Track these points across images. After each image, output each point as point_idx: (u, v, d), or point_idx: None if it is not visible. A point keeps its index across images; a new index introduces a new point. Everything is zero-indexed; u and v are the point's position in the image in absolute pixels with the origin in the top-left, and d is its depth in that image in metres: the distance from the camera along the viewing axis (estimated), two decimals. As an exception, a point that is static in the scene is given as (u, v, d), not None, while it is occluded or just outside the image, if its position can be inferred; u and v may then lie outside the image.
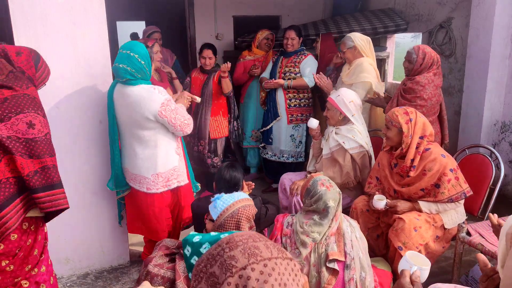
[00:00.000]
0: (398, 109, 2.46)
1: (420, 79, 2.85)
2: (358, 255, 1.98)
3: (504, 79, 3.66)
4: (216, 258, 0.88)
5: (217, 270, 0.87)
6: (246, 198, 1.87)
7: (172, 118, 2.34)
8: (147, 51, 2.35)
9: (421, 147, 2.39)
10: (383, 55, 4.99)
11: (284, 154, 4.00)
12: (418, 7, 4.86)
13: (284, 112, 3.90)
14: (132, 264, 2.91)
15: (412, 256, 1.46)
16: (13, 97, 1.62)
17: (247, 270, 0.84)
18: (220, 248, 0.90)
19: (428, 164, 2.36)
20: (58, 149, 2.51)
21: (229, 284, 0.84)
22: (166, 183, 2.47)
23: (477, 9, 3.61)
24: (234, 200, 1.82)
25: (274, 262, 0.86)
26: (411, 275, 1.18)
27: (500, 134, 3.79)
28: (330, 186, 2.04)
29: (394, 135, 2.43)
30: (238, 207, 1.79)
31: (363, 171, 2.89)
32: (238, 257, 0.86)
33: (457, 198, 2.35)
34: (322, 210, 1.99)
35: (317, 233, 1.97)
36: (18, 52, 1.75)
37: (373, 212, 2.59)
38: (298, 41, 3.87)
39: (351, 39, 3.39)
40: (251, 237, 0.92)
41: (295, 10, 5.86)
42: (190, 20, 5.40)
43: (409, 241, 2.32)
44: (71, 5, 2.38)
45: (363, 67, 3.34)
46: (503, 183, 2.92)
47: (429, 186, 2.37)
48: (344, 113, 2.86)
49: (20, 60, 1.74)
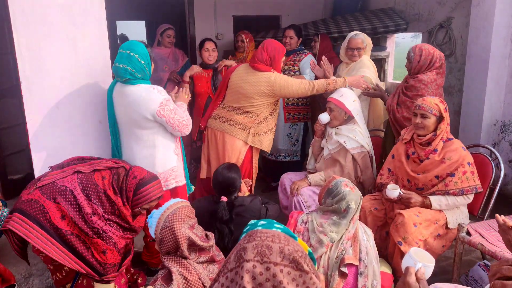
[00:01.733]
0: (434, 98, 2.46)
1: (422, 77, 2.84)
2: (372, 263, 1.99)
3: (504, 78, 3.66)
4: (237, 246, 0.93)
5: (233, 257, 0.92)
6: (175, 202, 1.82)
7: (170, 118, 2.34)
8: (147, 51, 2.36)
9: (444, 135, 2.46)
10: (383, 55, 5.00)
11: (281, 153, 4.00)
12: (418, 7, 4.86)
13: (281, 110, 3.91)
14: (132, 264, 2.91)
15: (417, 252, 1.42)
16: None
17: (249, 264, 0.85)
18: (244, 238, 0.94)
19: (449, 153, 2.41)
20: (58, 149, 2.53)
21: (236, 273, 0.87)
22: (164, 183, 2.47)
23: (477, 8, 3.60)
24: (162, 211, 1.78)
25: (279, 269, 0.85)
26: (416, 272, 1.15)
27: (500, 134, 3.79)
28: (353, 188, 2.05)
29: (432, 123, 2.45)
30: (167, 215, 1.75)
31: (365, 172, 2.89)
32: (248, 250, 0.88)
33: (468, 191, 2.39)
34: (343, 210, 1.99)
35: (335, 233, 1.97)
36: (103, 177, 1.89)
37: (381, 210, 2.59)
38: (297, 41, 3.87)
39: (364, 42, 3.44)
40: (273, 237, 0.91)
41: (295, 9, 5.86)
42: (190, 20, 5.40)
43: (408, 236, 2.34)
44: (71, 5, 2.38)
45: (363, 62, 3.41)
46: (503, 183, 2.92)
47: (444, 174, 2.40)
48: (350, 112, 2.85)
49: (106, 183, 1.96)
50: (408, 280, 1.12)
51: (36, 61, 2.35)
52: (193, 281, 1.76)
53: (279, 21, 5.91)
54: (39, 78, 2.38)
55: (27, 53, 2.32)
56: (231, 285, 0.86)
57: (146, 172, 2.18)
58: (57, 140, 2.50)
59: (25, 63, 2.33)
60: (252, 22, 5.52)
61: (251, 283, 0.84)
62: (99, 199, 2.04)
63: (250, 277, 0.84)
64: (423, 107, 2.45)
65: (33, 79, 2.37)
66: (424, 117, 2.45)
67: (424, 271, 1.19)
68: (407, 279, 1.13)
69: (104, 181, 2.08)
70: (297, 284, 0.86)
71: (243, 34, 4.26)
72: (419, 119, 2.47)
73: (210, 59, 3.62)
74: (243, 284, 0.83)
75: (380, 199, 2.67)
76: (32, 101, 2.39)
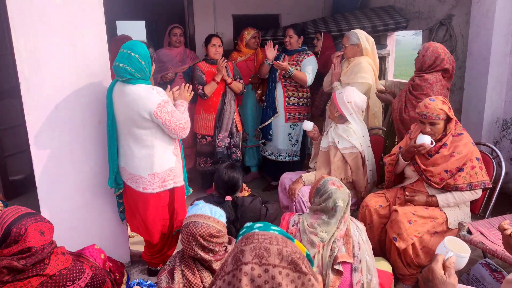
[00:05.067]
0: (435, 103, 2.40)
1: (428, 76, 2.82)
2: (365, 258, 1.99)
3: (505, 76, 3.65)
4: (235, 249, 0.93)
5: (230, 260, 0.91)
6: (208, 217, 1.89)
7: (167, 120, 2.33)
8: (148, 52, 2.35)
9: (454, 130, 2.46)
10: (383, 53, 4.98)
11: (281, 153, 4.00)
12: (418, 5, 4.84)
13: (282, 109, 3.90)
14: (133, 264, 2.91)
15: (451, 241, 1.33)
16: (41, 284, 1.74)
17: (247, 267, 0.85)
18: (240, 241, 0.94)
19: (458, 147, 2.41)
20: (58, 150, 2.53)
21: (234, 276, 0.87)
22: (162, 184, 2.47)
23: (478, 6, 3.59)
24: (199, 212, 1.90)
25: (277, 271, 0.85)
26: (446, 260, 1.10)
27: (501, 132, 3.78)
28: (340, 186, 2.05)
29: (441, 129, 2.43)
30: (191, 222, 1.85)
31: (356, 173, 2.88)
32: (246, 252, 0.88)
33: (476, 186, 2.39)
34: (330, 209, 1.99)
35: (325, 233, 1.97)
36: (41, 232, 1.77)
37: (385, 207, 2.59)
38: (297, 40, 3.84)
39: (356, 36, 3.36)
40: (271, 239, 0.91)
41: (295, 8, 5.84)
42: (190, 19, 5.39)
43: (403, 232, 2.34)
44: (69, 5, 2.38)
45: (361, 66, 3.32)
46: (504, 181, 2.91)
47: (453, 169, 2.40)
48: (340, 110, 2.87)
49: (46, 238, 1.78)
50: (433, 266, 1.07)
51: (35, 62, 2.35)
52: (195, 283, 1.77)
53: (278, 20, 5.90)
54: (38, 78, 2.37)
55: (25, 53, 2.32)
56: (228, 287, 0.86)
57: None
58: (57, 141, 2.50)
59: (24, 64, 2.33)
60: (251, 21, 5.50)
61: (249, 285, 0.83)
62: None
63: (249, 279, 0.83)
64: (430, 116, 2.39)
65: (32, 80, 2.36)
66: (433, 125, 2.42)
67: (455, 260, 1.13)
68: (432, 265, 1.08)
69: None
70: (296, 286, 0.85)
71: (254, 30, 4.25)
72: (428, 127, 2.43)
73: (216, 54, 3.71)
74: (241, 286, 0.83)
75: (384, 196, 2.65)
76: (32, 102, 2.39)
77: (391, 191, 2.70)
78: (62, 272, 1.82)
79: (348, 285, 1.92)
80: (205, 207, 1.88)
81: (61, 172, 2.56)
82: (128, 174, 2.49)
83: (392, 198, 2.63)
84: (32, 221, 1.75)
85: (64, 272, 1.82)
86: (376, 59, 3.47)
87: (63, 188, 2.56)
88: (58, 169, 2.53)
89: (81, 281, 1.87)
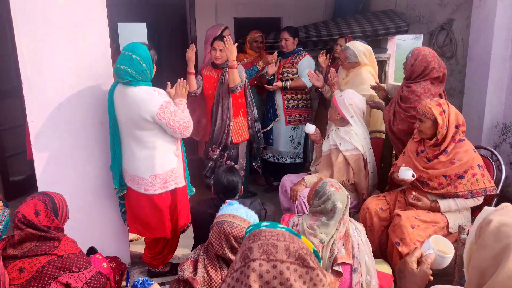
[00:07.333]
0: (430, 102, 2.44)
1: (416, 88, 2.71)
2: (364, 259, 1.99)
3: (505, 80, 3.66)
4: (242, 247, 0.94)
5: (238, 258, 0.92)
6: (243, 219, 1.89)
7: (170, 120, 2.34)
8: (149, 54, 2.36)
9: (456, 136, 2.43)
10: (384, 57, 4.99)
11: (283, 156, 3.99)
12: (419, 9, 4.86)
13: (282, 113, 3.90)
14: (133, 265, 2.92)
15: (438, 240, 1.36)
16: (49, 262, 1.82)
17: (255, 263, 0.86)
18: (248, 238, 0.94)
19: (459, 154, 2.40)
20: (59, 151, 2.53)
21: (242, 273, 0.87)
22: (164, 185, 2.47)
23: (478, 10, 3.60)
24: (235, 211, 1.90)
25: (285, 266, 0.86)
26: (425, 257, 1.14)
27: (501, 136, 3.78)
28: (339, 188, 2.05)
29: (427, 128, 2.43)
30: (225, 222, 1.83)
31: (358, 174, 2.89)
32: (254, 249, 0.88)
33: (477, 193, 2.39)
34: (329, 210, 1.99)
35: (324, 234, 1.97)
36: (36, 212, 1.83)
37: (386, 209, 2.59)
38: (293, 42, 3.84)
39: (354, 55, 3.32)
40: (278, 235, 0.92)
41: (296, 11, 5.86)
42: (191, 21, 5.41)
43: (406, 237, 2.34)
44: (72, 7, 2.39)
45: (362, 78, 3.29)
46: (504, 185, 2.91)
47: (453, 175, 2.39)
48: (342, 113, 2.88)
49: (42, 219, 1.84)
50: (406, 259, 1.13)
51: (37, 62, 2.36)
52: (215, 280, 1.78)
53: (280, 23, 5.91)
54: (40, 79, 2.39)
55: (28, 54, 2.33)
56: (236, 284, 0.86)
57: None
58: (58, 141, 2.51)
59: (26, 64, 2.34)
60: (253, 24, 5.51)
61: (258, 281, 0.84)
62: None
63: (257, 275, 0.84)
64: (418, 112, 2.46)
65: (34, 80, 2.37)
66: (420, 121, 2.46)
67: (433, 258, 1.17)
68: (407, 257, 1.13)
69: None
70: (304, 281, 0.86)
71: (257, 34, 4.22)
72: (418, 123, 2.47)
73: (217, 58, 3.32)
74: (249, 283, 0.84)
75: (385, 199, 2.66)
76: (34, 102, 2.40)
77: (392, 194, 2.71)
78: (71, 256, 1.89)
79: (348, 286, 1.92)
80: (240, 209, 1.88)
81: (62, 173, 2.56)
82: (129, 175, 2.50)
83: (392, 201, 2.64)
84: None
85: (72, 257, 1.89)
86: (375, 66, 3.46)
87: (64, 189, 2.54)
88: (59, 169, 2.54)
89: (86, 272, 1.91)
